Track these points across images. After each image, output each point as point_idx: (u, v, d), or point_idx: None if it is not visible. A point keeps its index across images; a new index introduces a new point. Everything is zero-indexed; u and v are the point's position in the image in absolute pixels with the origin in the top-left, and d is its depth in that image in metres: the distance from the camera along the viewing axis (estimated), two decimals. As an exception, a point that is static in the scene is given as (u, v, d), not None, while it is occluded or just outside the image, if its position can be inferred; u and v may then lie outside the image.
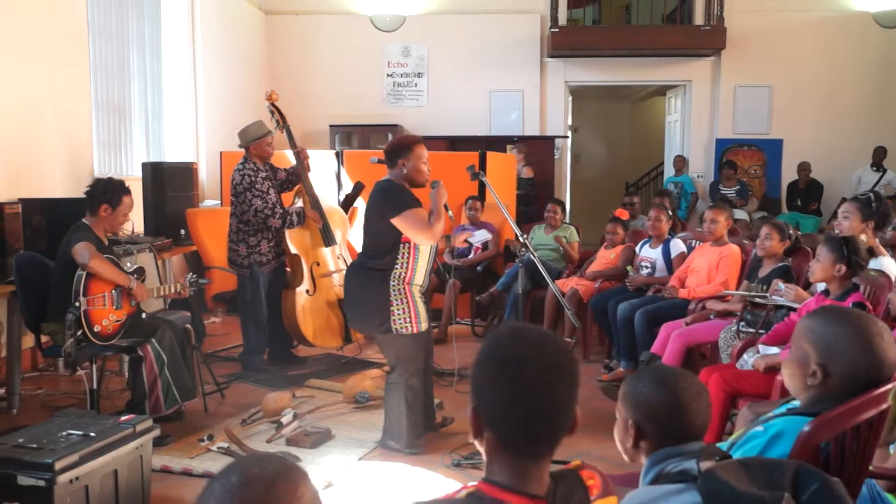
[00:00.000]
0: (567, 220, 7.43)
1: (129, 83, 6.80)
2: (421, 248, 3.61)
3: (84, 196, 3.93)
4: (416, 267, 3.61)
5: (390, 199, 3.55)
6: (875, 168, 9.14)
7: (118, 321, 3.85)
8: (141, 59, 6.97)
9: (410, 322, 3.59)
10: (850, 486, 1.70)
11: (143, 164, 6.20)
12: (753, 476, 1.44)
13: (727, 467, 1.47)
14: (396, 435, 3.72)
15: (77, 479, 2.74)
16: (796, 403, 1.89)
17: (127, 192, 3.95)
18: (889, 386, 1.77)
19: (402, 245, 3.57)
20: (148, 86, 7.11)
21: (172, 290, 4.19)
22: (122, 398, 4.29)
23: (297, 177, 5.19)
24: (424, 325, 3.67)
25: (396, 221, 3.51)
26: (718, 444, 1.86)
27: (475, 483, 1.28)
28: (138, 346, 3.88)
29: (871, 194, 3.98)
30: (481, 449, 1.31)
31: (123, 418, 3.12)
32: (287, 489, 1.05)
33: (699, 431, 1.64)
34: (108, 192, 3.88)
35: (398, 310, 3.56)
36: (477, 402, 1.29)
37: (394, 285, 3.57)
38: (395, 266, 3.57)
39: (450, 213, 3.73)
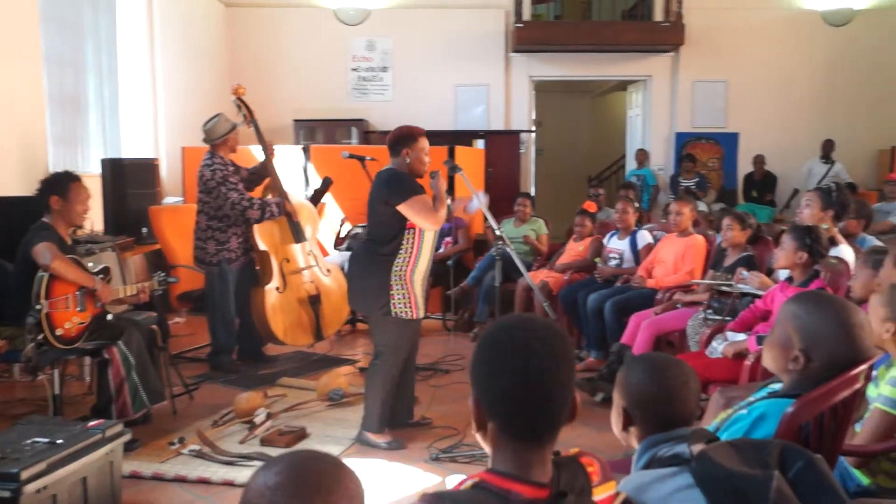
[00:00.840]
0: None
1: (84, 76, 6.60)
2: (425, 235, 3.67)
3: (35, 195, 3.81)
4: (420, 255, 3.68)
5: (395, 186, 3.60)
6: (824, 160, 9.41)
7: (82, 323, 3.73)
8: (96, 51, 6.77)
9: (410, 308, 3.66)
10: (827, 462, 1.75)
11: (103, 161, 6.04)
12: (743, 456, 1.48)
13: (718, 449, 1.51)
14: (369, 421, 3.75)
15: (45, 488, 2.65)
16: (776, 387, 1.96)
17: (75, 178, 3.83)
18: (863, 367, 1.84)
19: (407, 231, 3.63)
20: (104, 79, 6.91)
21: (136, 292, 4.04)
22: (86, 403, 4.18)
23: (261, 175, 5.12)
24: (421, 313, 3.75)
25: (402, 208, 3.57)
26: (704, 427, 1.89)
27: (478, 474, 1.28)
28: (104, 349, 3.77)
29: (832, 185, 4.16)
30: (483, 442, 1.31)
31: (92, 424, 3.02)
32: (349, 474, 1.11)
33: (687, 418, 1.67)
34: (53, 182, 3.79)
35: (398, 294, 3.64)
36: (479, 393, 1.30)
37: (396, 271, 3.63)
38: (400, 252, 3.64)
39: (449, 201, 3.80)
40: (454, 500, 1.21)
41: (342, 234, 6.48)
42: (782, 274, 3.69)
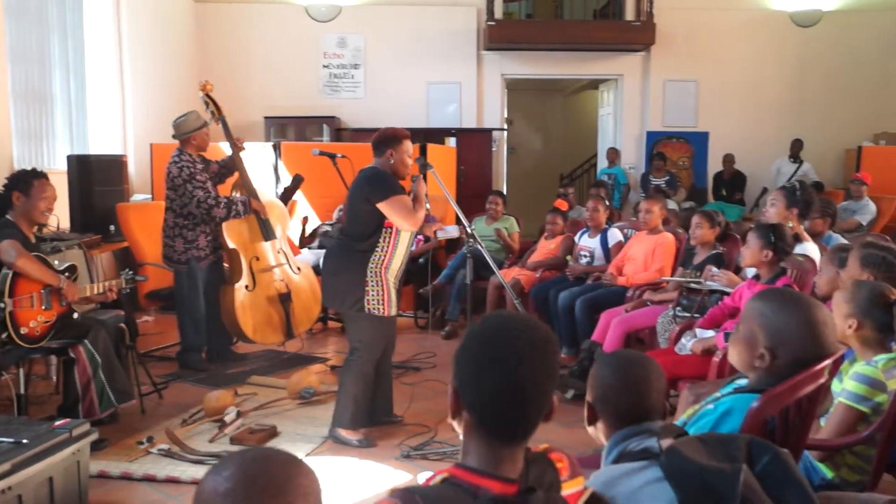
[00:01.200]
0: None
1: (50, 71, 6.49)
2: (402, 235, 3.70)
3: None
4: (395, 253, 3.70)
5: (377, 184, 3.63)
6: (792, 159, 9.58)
7: (47, 322, 3.67)
8: (62, 45, 6.66)
9: (383, 304, 3.67)
10: (793, 455, 1.78)
11: (69, 157, 5.93)
12: (711, 451, 1.50)
13: (687, 443, 1.53)
14: (341, 417, 3.74)
15: (10, 488, 2.61)
16: (742, 382, 1.98)
17: (39, 175, 3.77)
18: (827, 362, 1.86)
19: (384, 230, 3.66)
20: (70, 74, 6.79)
21: (104, 290, 3.99)
22: (52, 403, 4.13)
23: (230, 168, 5.08)
24: (394, 311, 3.75)
25: (382, 206, 3.59)
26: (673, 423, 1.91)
27: (447, 469, 1.29)
28: (70, 348, 3.72)
29: (796, 183, 4.19)
30: (458, 428, 1.32)
31: (58, 423, 2.99)
32: (303, 471, 1.07)
33: (649, 413, 1.69)
34: (15, 179, 3.74)
35: (373, 290, 3.65)
36: (459, 384, 1.30)
37: (371, 268, 3.65)
38: (376, 249, 3.66)
39: (428, 205, 3.84)
40: (424, 495, 1.20)
41: (307, 234, 6.44)
42: (750, 272, 3.73)
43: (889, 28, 9.96)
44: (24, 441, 2.76)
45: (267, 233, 5.08)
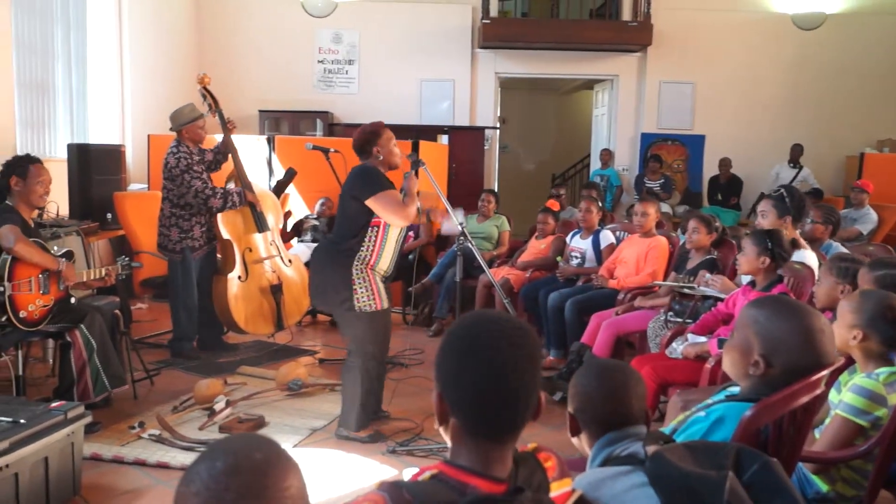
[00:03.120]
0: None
1: (54, 61, 6.55)
2: (389, 233, 3.65)
3: None
4: (382, 251, 3.65)
5: (365, 181, 3.58)
6: (792, 164, 9.48)
7: (45, 306, 3.71)
8: (65, 36, 6.71)
9: (374, 299, 3.61)
10: (785, 467, 1.74)
11: (69, 146, 5.99)
12: (698, 458, 1.49)
13: (673, 450, 1.52)
14: (346, 421, 3.72)
15: (7, 466, 2.67)
16: (735, 390, 1.96)
17: (34, 161, 3.83)
18: (824, 372, 1.83)
19: (370, 228, 3.61)
20: (72, 65, 6.85)
21: (101, 275, 4.05)
22: (48, 385, 4.18)
23: (224, 153, 5.11)
24: (386, 303, 3.69)
25: (371, 202, 3.54)
26: (661, 430, 1.93)
27: (435, 465, 1.29)
28: (66, 332, 3.77)
29: (782, 190, 4.01)
30: (445, 435, 1.31)
31: (54, 405, 3.04)
32: (276, 480, 1.03)
33: (631, 419, 1.70)
34: (12, 164, 3.77)
35: (360, 288, 3.59)
36: (443, 388, 1.29)
37: (356, 265, 3.59)
38: (361, 249, 3.60)
39: (418, 204, 3.76)
40: (411, 490, 1.20)
41: (289, 229, 6.45)
42: (745, 278, 3.61)
43: (894, 32, 9.80)
44: (22, 421, 2.82)
45: (260, 224, 5.13)
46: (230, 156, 5.12)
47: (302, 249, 6.12)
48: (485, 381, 1.24)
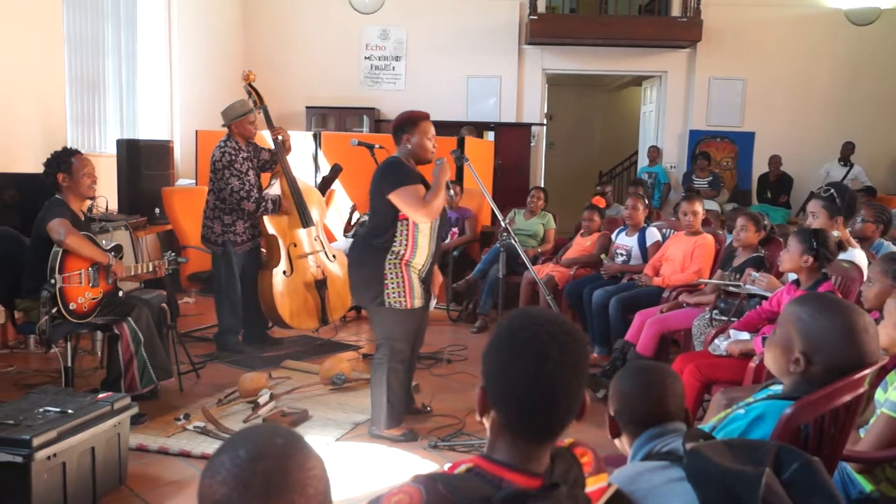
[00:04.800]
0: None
1: (104, 58, 6.69)
2: (420, 227, 3.55)
3: (44, 177, 3.86)
4: (417, 246, 3.56)
5: (389, 175, 3.51)
6: (842, 162, 9.30)
7: (94, 299, 3.80)
8: (115, 33, 6.86)
9: (404, 297, 3.54)
10: (826, 466, 1.70)
11: (119, 141, 6.10)
12: (737, 455, 1.47)
13: (712, 446, 1.50)
14: (376, 418, 3.69)
15: (54, 455, 2.72)
16: (777, 389, 1.93)
17: (74, 153, 3.88)
18: (867, 371, 1.80)
19: (399, 223, 3.52)
20: (122, 61, 6.99)
21: (150, 269, 4.14)
22: (97, 377, 4.27)
23: (274, 161, 5.16)
24: (418, 302, 3.60)
25: (392, 197, 3.46)
26: (701, 426, 1.90)
27: (471, 459, 1.29)
28: (114, 325, 3.83)
29: (832, 189, 3.87)
30: (486, 423, 1.32)
31: (101, 396, 3.10)
32: (298, 461, 1.03)
33: (669, 417, 1.69)
34: (55, 161, 3.82)
35: (392, 283, 3.53)
36: (487, 384, 1.29)
37: (390, 259, 3.53)
38: (394, 244, 3.53)
39: (451, 192, 3.69)
40: (446, 482, 1.19)
41: (352, 222, 6.51)
42: (791, 276, 3.54)
43: (950, 26, 9.54)
44: (70, 411, 2.88)
45: (305, 220, 5.16)
46: (279, 153, 5.15)
47: (345, 244, 6.15)
48: (529, 383, 1.24)
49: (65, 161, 3.82)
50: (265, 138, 5.35)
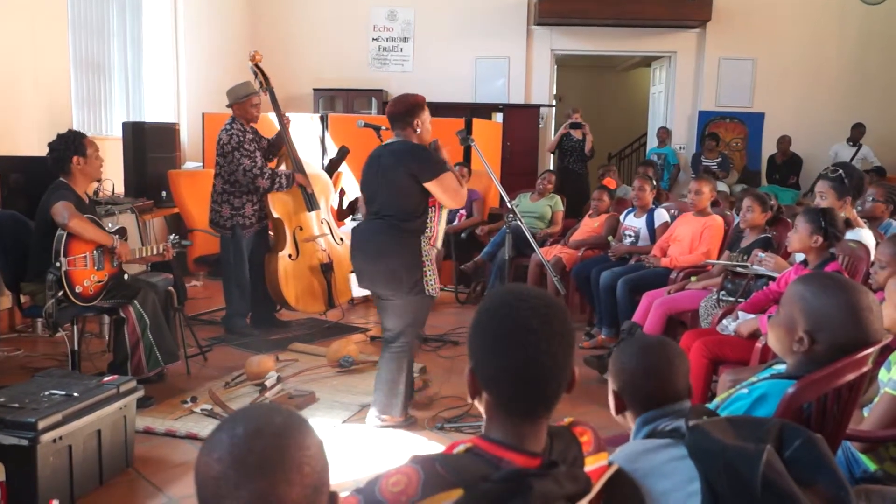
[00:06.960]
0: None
1: (109, 40, 6.67)
2: (443, 210, 3.54)
3: (50, 160, 3.83)
4: (439, 228, 3.54)
5: (425, 161, 3.41)
6: (851, 143, 9.21)
7: (100, 282, 3.80)
8: (121, 15, 6.84)
9: (436, 283, 3.51)
10: (829, 445, 1.72)
11: (124, 124, 6.10)
12: (739, 432, 1.46)
13: (714, 424, 1.49)
14: (390, 407, 3.61)
15: (60, 438, 2.74)
16: (780, 368, 1.92)
17: (84, 136, 3.89)
18: (870, 350, 1.79)
19: (430, 208, 3.48)
20: (128, 44, 6.98)
21: (155, 252, 4.14)
22: (103, 360, 4.29)
23: (278, 146, 5.15)
24: (439, 286, 3.60)
25: (431, 185, 3.39)
26: (706, 405, 1.88)
27: (469, 439, 1.29)
28: (120, 308, 3.84)
29: (840, 170, 3.82)
30: (480, 408, 1.31)
31: (107, 379, 3.10)
32: (296, 440, 1.03)
33: (675, 395, 1.66)
34: (71, 145, 3.81)
35: (429, 270, 3.47)
36: (475, 366, 1.29)
37: (424, 244, 3.47)
38: (426, 229, 3.47)
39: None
40: (445, 463, 1.19)
41: (344, 207, 6.46)
42: (798, 256, 3.55)
43: (962, 7, 9.41)
44: (75, 394, 2.89)
45: (311, 203, 5.15)
46: (283, 137, 5.13)
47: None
48: (516, 359, 1.23)
49: (78, 143, 3.82)
50: (272, 120, 5.33)
